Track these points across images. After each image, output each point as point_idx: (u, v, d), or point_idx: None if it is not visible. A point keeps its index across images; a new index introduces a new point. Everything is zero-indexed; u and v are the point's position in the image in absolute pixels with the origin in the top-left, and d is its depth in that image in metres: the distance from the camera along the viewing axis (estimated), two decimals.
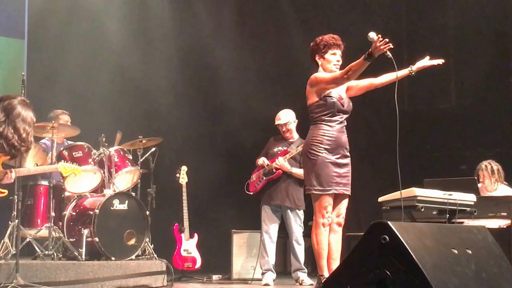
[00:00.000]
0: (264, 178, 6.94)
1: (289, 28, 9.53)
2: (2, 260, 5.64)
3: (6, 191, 5.24)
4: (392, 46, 4.60)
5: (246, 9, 9.61)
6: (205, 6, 9.46)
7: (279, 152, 6.93)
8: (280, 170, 6.84)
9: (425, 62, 5.06)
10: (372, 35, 4.65)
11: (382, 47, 4.58)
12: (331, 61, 5.05)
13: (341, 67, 5.01)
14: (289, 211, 6.89)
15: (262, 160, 6.96)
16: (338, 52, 5.08)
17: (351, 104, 5.13)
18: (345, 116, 5.06)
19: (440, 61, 5.07)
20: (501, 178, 6.67)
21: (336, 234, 5.04)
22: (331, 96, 4.98)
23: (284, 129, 6.97)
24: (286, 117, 6.97)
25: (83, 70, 8.76)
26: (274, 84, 9.53)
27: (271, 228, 6.94)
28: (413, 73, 5.03)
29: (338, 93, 5.04)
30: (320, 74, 5.04)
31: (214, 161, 9.29)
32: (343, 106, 5.02)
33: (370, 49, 4.61)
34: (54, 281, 5.45)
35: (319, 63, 5.10)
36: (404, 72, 5.01)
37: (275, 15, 9.64)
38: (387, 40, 4.58)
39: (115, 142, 6.96)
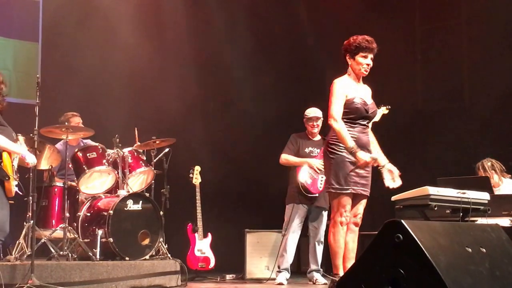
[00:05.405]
0: (324, 176, 6.84)
1: (301, 28, 9.53)
2: (18, 260, 5.68)
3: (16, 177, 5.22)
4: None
5: (259, 10, 9.62)
6: (219, 7, 9.48)
7: (312, 154, 6.90)
8: None
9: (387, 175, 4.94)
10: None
11: (360, 164, 4.80)
12: (361, 64, 4.99)
13: (371, 69, 5.02)
14: (319, 211, 6.89)
15: (317, 163, 6.78)
16: (370, 56, 5.00)
17: (376, 109, 5.11)
18: (368, 120, 5.05)
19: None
20: (503, 171, 6.63)
21: (353, 233, 5.04)
22: (354, 102, 4.96)
23: (315, 124, 6.94)
24: (320, 113, 6.96)
25: (97, 72, 8.81)
26: (287, 85, 9.53)
27: (296, 228, 6.92)
28: (380, 168, 4.94)
29: (362, 98, 5.00)
30: (336, 90, 4.97)
31: (228, 161, 9.31)
32: (367, 112, 5.01)
33: (356, 155, 4.79)
34: (68, 281, 5.48)
35: (349, 63, 5.06)
36: (380, 158, 4.97)
37: (288, 16, 9.65)
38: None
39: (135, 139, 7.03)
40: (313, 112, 7.00)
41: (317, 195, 6.86)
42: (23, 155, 5.03)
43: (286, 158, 6.98)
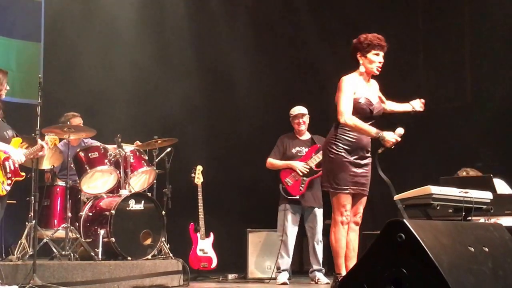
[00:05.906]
0: (306, 179, 6.85)
1: (305, 30, 9.52)
2: (20, 260, 5.68)
3: (24, 174, 5.26)
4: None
5: (261, 11, 9.61)
6: (221, 9, 9.49)
7: (300, 154, 6.91)
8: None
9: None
10: (400, 131, 4.83)
11: (389, 145, 4.79)
12: (374, 62, 4.95)
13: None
14: (314, 210, 6.89)
15: (300, 165, 6.81)
16: (381, 53, 4.98)
17: (381, 109, 5.09)
18: (373, 120, 5.00)
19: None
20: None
21: (354, 232, 5.04)
22: (360, 102, 4.92)
23: (301, 121, 6.96)
24: (305, 110, 6.98)
25: (99, 72, 8.82)
26: (288, 85, 9.53)
27: (293, 229, 6.92)
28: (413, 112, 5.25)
29: (368, 98, 4.96)
30: (344, 87, 4.91)
31: (229, 160, 9.30)
32: (372, 112, 4.98)
33: (384, 138, 4.76)
34: (71, 281, 5.49)
35: (360, 61, 5.00)
36: (406, 108, 5.27)
37: (290, 17, 9.64)
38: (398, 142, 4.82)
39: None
40: (297, 109, 7.03)
41: (297, 197, 6.85)
42: (7, 152, 5.01)
43: (270, 162, 7.03)
